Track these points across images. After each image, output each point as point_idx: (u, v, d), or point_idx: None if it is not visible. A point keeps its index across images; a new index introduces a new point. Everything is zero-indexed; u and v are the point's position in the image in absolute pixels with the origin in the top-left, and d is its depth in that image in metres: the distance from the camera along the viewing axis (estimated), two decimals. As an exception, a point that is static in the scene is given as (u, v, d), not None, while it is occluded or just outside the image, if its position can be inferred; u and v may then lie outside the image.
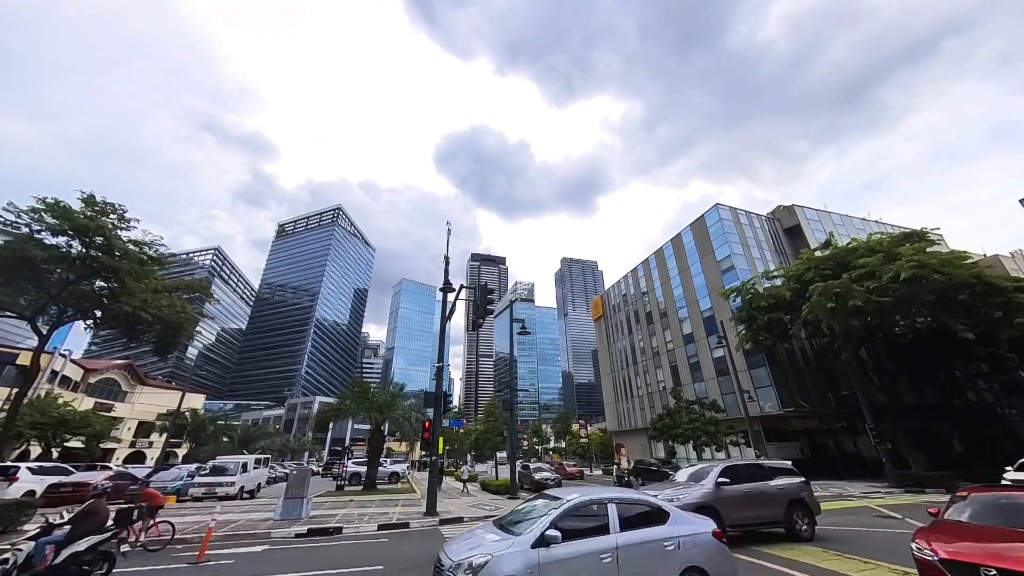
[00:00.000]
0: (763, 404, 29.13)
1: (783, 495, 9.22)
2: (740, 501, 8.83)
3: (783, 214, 40.08)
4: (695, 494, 8.64)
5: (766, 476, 9.59)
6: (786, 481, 9.51)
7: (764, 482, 9.37)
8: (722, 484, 8.87)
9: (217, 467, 19.35)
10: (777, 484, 9.37)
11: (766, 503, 9.09)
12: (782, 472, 9.91)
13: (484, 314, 13.87)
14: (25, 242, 12.86)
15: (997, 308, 18.50)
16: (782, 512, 8.98)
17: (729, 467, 9.48)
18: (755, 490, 9.15)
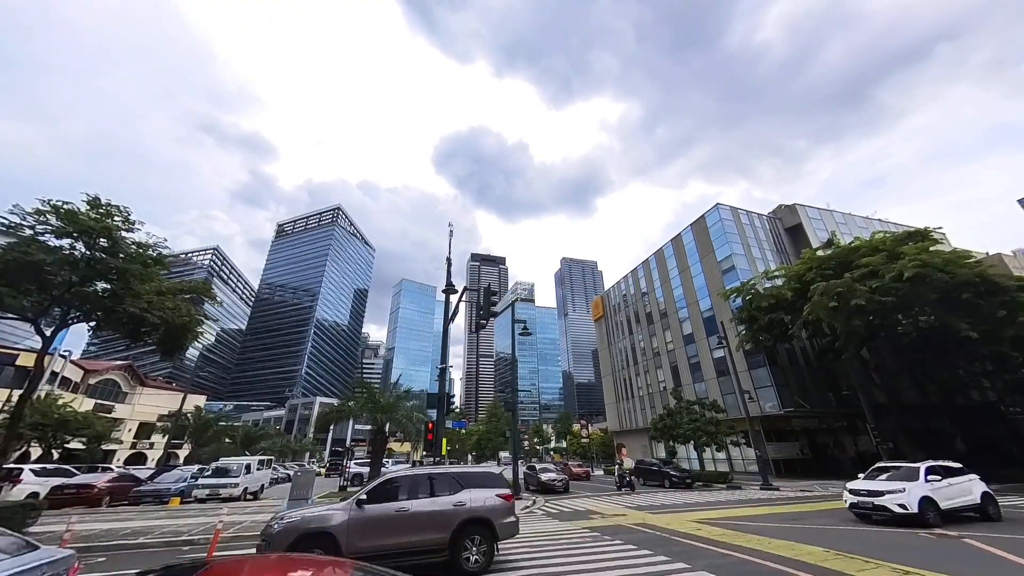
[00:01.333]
0: (763, 404, 29.20)
1: (453, 515, 7.19)
2: (382, 525, 6.90)
3: (784, 213, 40.13)
4: (318, 520, 6.69)
5: (442, 489, 7.51)
6: (470, 496, 7.48)
7: (432, 498, 7.33)
8: (363, 503, 7.00)
9: (220, 468, 19.38)
10: (454, 500, 7.35)
11: (423, 527, 7.03)
12: (468, 481, 7.77)
13: (488, 316, 13.91)
14: (29, 244, 12.88)
15: (1000, 307, 18.51)
16: (446, 537, 6.99)
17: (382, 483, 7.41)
18: (408, 512, 7.07)
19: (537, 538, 10.07)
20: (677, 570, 7.01)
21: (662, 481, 24.39)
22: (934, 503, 10.21)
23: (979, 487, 11.07)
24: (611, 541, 9.43)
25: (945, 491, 10.54)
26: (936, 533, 9.57)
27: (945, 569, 6.65)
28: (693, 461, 33.91)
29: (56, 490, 16.39)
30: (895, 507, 10.18)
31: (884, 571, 6.69)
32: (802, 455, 30.23)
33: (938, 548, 8.32)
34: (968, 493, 10.89)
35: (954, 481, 10.90)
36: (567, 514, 14.26)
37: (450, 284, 16.73)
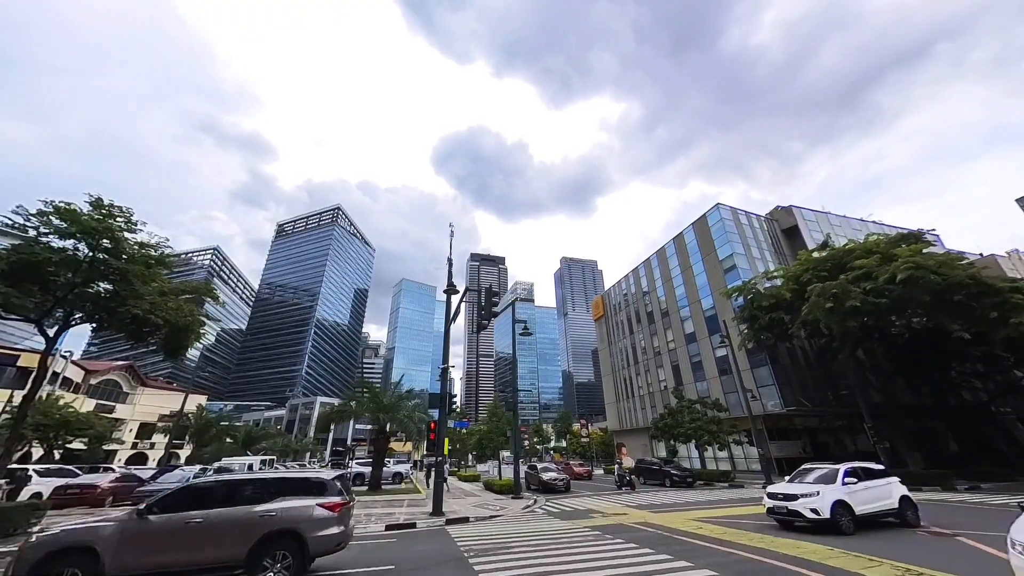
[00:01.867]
0: (766, 403, 29.35)
1: (254, 526, 6.29)
2: (165, 538, 6.00)
3: (781, 215, 40.31)
4: None
5: (252, 497, 6.61)
6: (282, 505, 6.60)
7: (234, 507, 6.46)
8: (146, 513, 6.13)
9: (222, 469, 19.43)
10: (261, 509, 6.48)
11: (215, 541, 6.10)
12: (287, 488, 6.90)
13: (489, 317, 13.99)
14: (32, 245, 12.93)
15: (993, 308, 18.63)
16: (243, 552, 6.11)
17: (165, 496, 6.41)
18: (198, 523, 6.14)
19: (538, 537, 10.16)
20: (680, 568, 7.10)
21: (663, 480, 24.50)
22: (848, 508, 9.59)
23: (899, 491, 10.52)
24: (613, 540, 9.52)
25: (861, 495, 9.94)
26: (932, 531, 9.69)
27: (945, 567, 6.75)
28: (694, 460, 34.05)
29: (59, 490, 16.45)
30: (807, 512, 9.59)
31: (887, 568, 6.79)
32: (804, 454, 30.37)
33: (934, 546, 8.43)
34: (886, 497, 10.30)
35: (872, 484, 10.33)
36: (568, 513, 14.36)
37: (451, 285, 16.81)
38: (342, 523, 6.91)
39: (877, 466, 11.25)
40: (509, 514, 14.13)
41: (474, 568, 7.36)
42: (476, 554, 8.41)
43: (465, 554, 8.42)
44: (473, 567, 7.43)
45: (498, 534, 10.66)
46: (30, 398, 13.82)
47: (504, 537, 10.25)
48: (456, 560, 8.01)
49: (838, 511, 9.45)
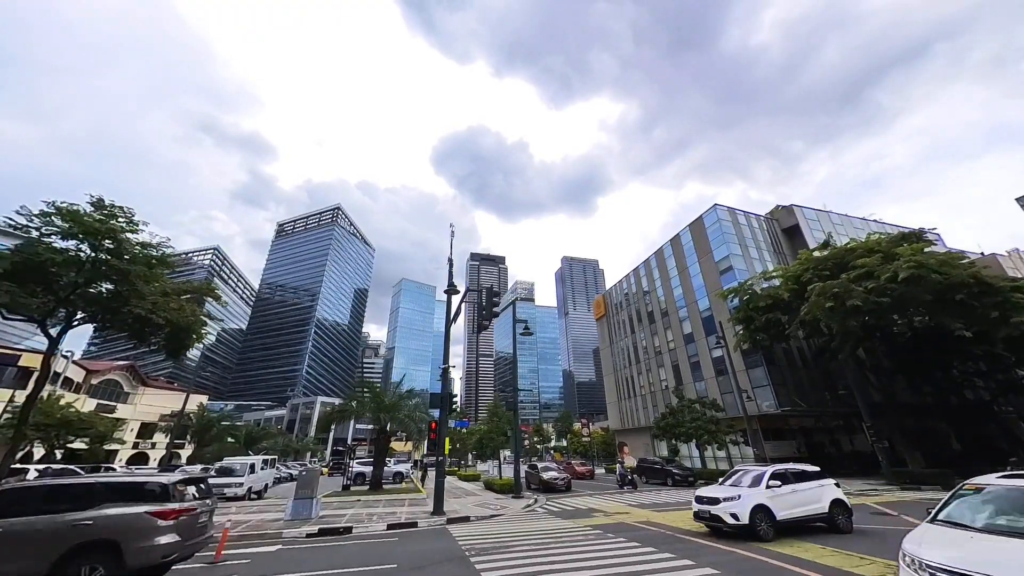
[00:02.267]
0: (761, 403, 29.38)
1: (60, 537, 5.74)
2: None
3: (781, 214, 40.30)
4: None
5: (67, 504, 6.05)
6: (101, 512, 6.02)
7: (44, 516, 5.88)
8: None
9: (224, 468, 19.49)
10: (75, 517, 5.89)
11: (11, 555, 5.59)
12: (112, 494, 6.32)
13: (490, 317, 14.03)
14: (35, 245, 12.98)
15: (994, 308, 18.72)
16: (45, 568, 5.57)
17: None
18: None
19: (540, 536, 10.22)
20: (682, 567, 7.17)
21: (665, 479, 24.56)
22: (768, 512, 9.06)
23: (831, 494, 10.00)
24: (615, 539, 9.58)
25: (786, 499, 9.43)
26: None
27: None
28: (695, 460, 34.09)
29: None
30: (728, 517, 9.10)
31: (878, 567, 6.85)
32: (799, 454, 30.42)
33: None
34: (815, 501, 9.76)
35: (801, 487, 9.77)
36: (569, 512, 14.41)
37: (452, 285, 16.84)
38: (177, 532, 6.35)
39: (811, 468, 10.78)
40: (510, 513, 14.19)
41: (476, 567, 7.41)
42: (477, 553, 8.47)
43: (467, 553, 8.47)
44: (475, 566, 7.48)
45: (499, 533, 10.72)
46: (33, 398, 13.88)
47: (505, 536, 10.30)
48: (458, 559, 8.06)
49: (757, 516, 8.95)
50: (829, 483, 10.38)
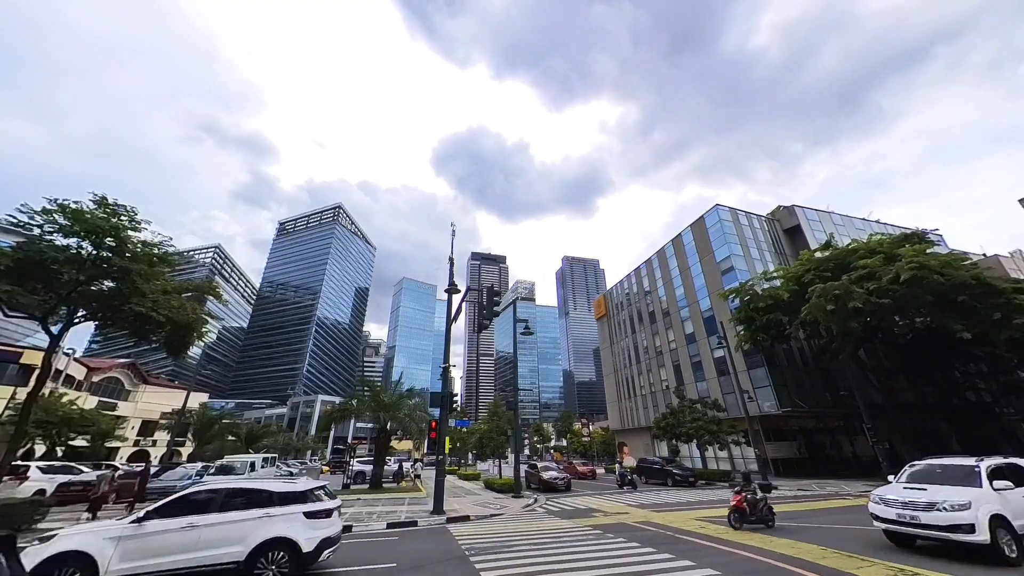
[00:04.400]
0: (762, 404, 29.34)
1: None
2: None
3: (783, 215, 40.22)
4: None
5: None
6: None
7: None
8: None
9: (225, 466, 19.49)
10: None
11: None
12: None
13: (491, 316, 14.01)
14: (37, 243, 13.00)
15: (996, 309, 18.67)
16: None
17: None
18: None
19: (539, 536, 10.20)
20: (682, 568, 7.15)
21: (665, 479, 24.53)
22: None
23: None
24: (614, 539, 9.56)
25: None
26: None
27: (943, 568, 6.77)
28: (696, 460, 34.07)
29: (63, 487, 16.54)
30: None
31: (880, 569, 6.81)
32: (799, 454, 30.38)
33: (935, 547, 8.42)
34: None
35: None
36: (569, 512, 14.40)
37: (452, 284, 16.83)
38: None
39: None
40: (510, 513, 14.18)
41: (475, 566, 7.40)
42: (477, 552, 8.46)
43: (466, 552, 8.47)
44: (474, 565, 7.48)
45: (499, 533, 10.71)
46: (34, 395, 13.91)
47: (505, 536, 10.29)
48: (457, 559, 8.05)
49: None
50: None
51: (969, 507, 6.85)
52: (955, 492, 7.29)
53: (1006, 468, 7.80)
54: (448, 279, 16.95)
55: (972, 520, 6.72)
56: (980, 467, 7.64)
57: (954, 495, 7.20)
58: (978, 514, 6.74)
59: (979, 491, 7.16)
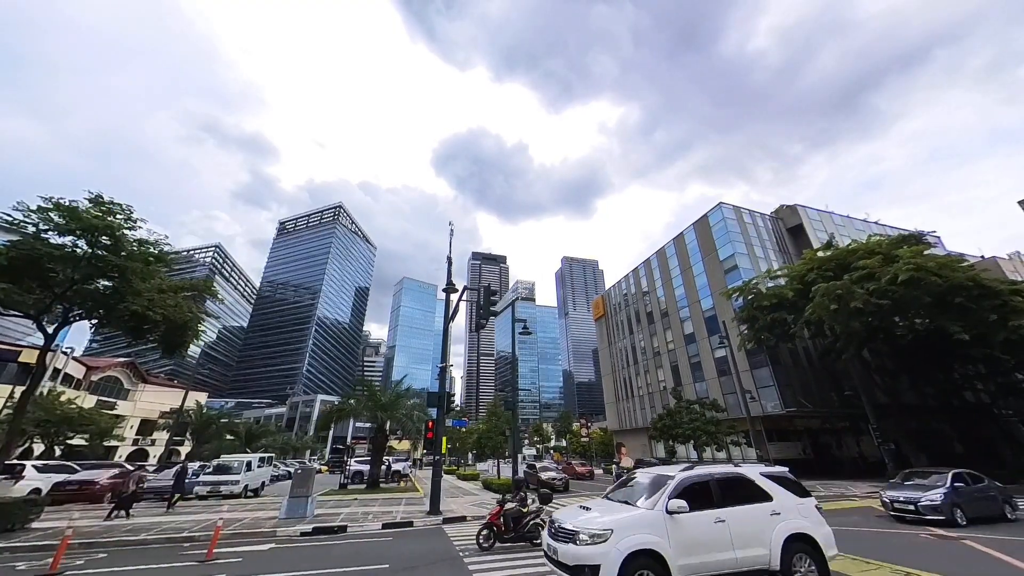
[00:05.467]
0: (765, 404, 29.20)
1: None
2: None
3: (786, 213, 40.08)
4: None
5: None
6: None
7: None
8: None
9: (221, 466, 19.44)
10: None
11: None
12: None
13: (488, 315, 13.93)
14: (32, 241, 12.93)
15: (992, 311, 18.62)
16: None
17: None
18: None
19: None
20: (675, 570, 7.01)
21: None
22: None
23: None
24: (610, 540, 9.44)
25: None
26: (936, 534, 9.59)
27: (944, 570, 6.67)
28: (693, 460, 33.93)
29: (58, 486, 16.47)
30: None
31: (885, 572, 6.72)
32: (804, 455, 30.22)
33: (938, 549, 8.33)
34: None
35: None
36: (566, 513, 14.28)
37: (450, 283, 16.74)
38: None
39: None
40: (507, 513, 14.07)
41: (468, 568, 7.32)
42: (471, 553, 8.38)
43: (460, 553, 8.38)
44: (467, 566, 7.39)
45: (495, 533, 10.60)
46: (28, 393, 13.84)
47: (501, 537, 10.18)
48: (451, 559, 7.97)
49: None
50: None
51: None
52: None
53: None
54: (446, 278, 16.87)
55: None
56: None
57: None
58: None
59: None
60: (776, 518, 5.94)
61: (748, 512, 5.94)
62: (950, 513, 10.37)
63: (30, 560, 8.06)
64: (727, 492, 6.06)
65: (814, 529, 6.00)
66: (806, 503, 6.31)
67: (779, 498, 6.15)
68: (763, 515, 5.94)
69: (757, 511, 5.98)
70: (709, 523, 5.65)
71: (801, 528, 5.92)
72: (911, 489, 11.60)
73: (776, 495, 6.18)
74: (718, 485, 6.09)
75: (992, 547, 8.08)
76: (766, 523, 5.88)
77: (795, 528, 5.89)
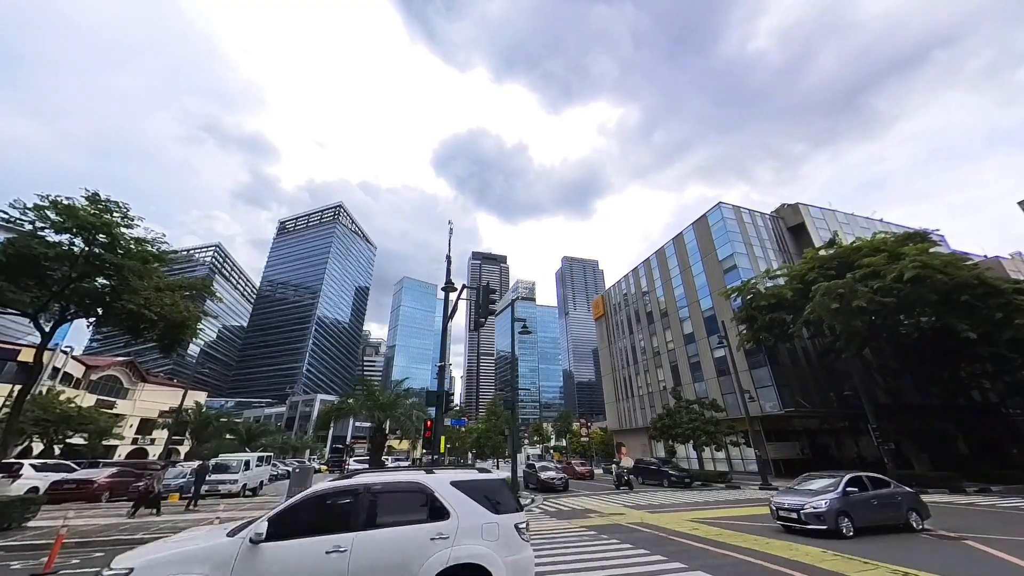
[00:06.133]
0: (764, 404, 29.12)
1: None
2: None
3: (787, 212, 39.94)
4: None
5: None
6: None
7: None
8: None
9: (220, 465, 19.39)
10: None
11: None
12: None
13: (487, 314, 13.87)
14: (29, 239, 12.90)
15: (998, 309, 18.62)
16: None
17: None
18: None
19: (534, 536, 10.04)
20: (674, 570, 6.98)
21: (661, 480, 24.38)
22: None
23: None
24: (608, 540, 9.41)
25: None
26: (937, 534, 9.53)
27: (944, 570, 6.61)
28: (692, 460, 33.89)
29: (56, 485, 16.42)
30: None
31: (882, 572, 6.65)
32: (802, 455, 30.15)
33: (938, 549, 8.27)
34: None
35: None
36: (565, 512, 14.25)
37: (449, 282, 16.68)
38: None
39: None
40: (505, 513, 14.01)
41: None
42: (468, 553, 8.30)
43: (457, 553, 8.31)
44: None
45: (492, 533, 10.55)
46: (25, 392, 13.81)
47: (498, 536, 10.13)
48: (448, 559, 7.89)
49: None
50: None
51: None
52: None
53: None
54: (445, 277, 16.81)
55: None
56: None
57: None
58: None
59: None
60: (438, 544, 4.46)
61: (392, 536, 4.45)
62: (834, 522, 9.17)
63: (25, 559, 8.01)
64: (386, 508, 4.65)
65: (492, 558, 4.50)
66: (500, 522, 4.80)
67: (461, 516, 4.68)
68: (418, 540, 4.45)
69: (409, 534, 4.49)
70: (317, 554, 4.19)
71: (472, 557, 4.44)
72: (800, 494, 10.31)
73: (459, 512, 4.70)
74: (371, 499, 4.62)
75: (993, 547, 8.02)
76: (418, 551, 4.39)
77: (462, 557, 4.42)
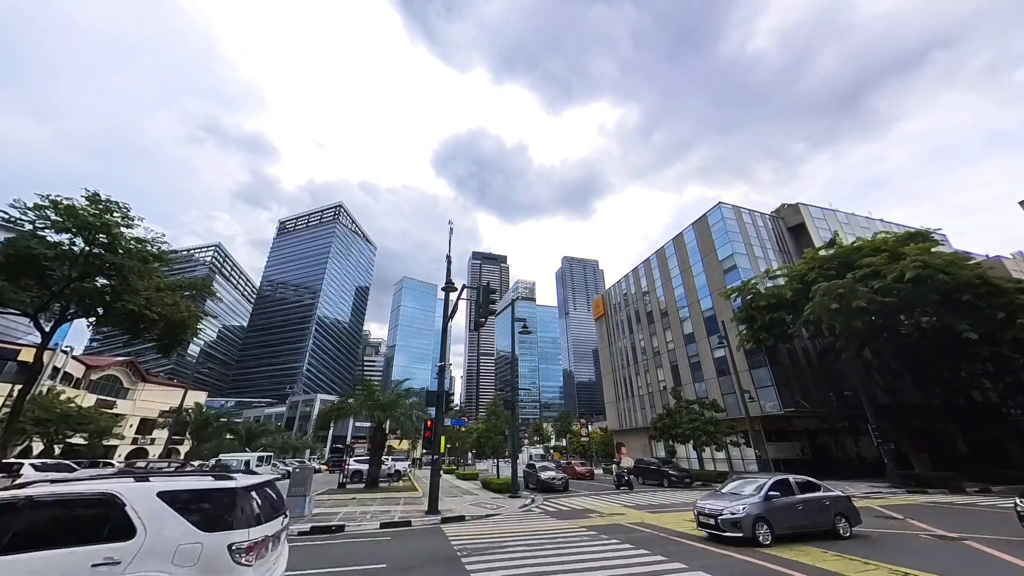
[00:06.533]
0: (764, 404, 29.09)
1: None
2: None
3: (788, 212, 39.89)
4: None
5: None
6: None
7: None
8: None
9: (220, 465, 19.39)
10: None
11: None
12: None
13: (487, 314, 13.87)
14: (29, 239, 12.89)
15: (1000, 309, 18.56)
16: None
17: None
18: None
19: (534, 537, 10.05)
20: (674, 570, 6.98)
21: (661, 480, 24.37)
22: None
23: None
24: (608, 540, 9.40)
25: None
26: (937, 535, 9.51)
27: (944, 571, 6.60)
28: (693, 460, 33.87)
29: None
30: None
31: (882, 572, 6.65)
32: (802, 455, 30.12)
33: (938, 550, 8.26)
34: None
35: None
36: (565, 512, 14.24)
37: (450, 282, 16.68)
38: None
39: None
40: (506, 513, 14.03)
41: (466, 568, 7.25)
42: (469, 553, 8.31)
43: (458, 553, 8.31)
44: (465, 567, 7.32)
45: (493, 533, 10.56)
46: (25, 392, 13.81)
47: (499, 536, 10.14)
48: (448, 559, 7.90)
49: None
50: None
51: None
52: None
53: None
54: (445, 276, 16.81)
55: None
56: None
57: None
58: None
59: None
60: (100, 571, 3.61)
61: (31, 563, 3.55)
62: (751, 529, 8.64)
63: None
64: (52, 525, 3.78)
65: None
66: (206, 541, 3.93)
67: (151, 535, 3.83)
68: (71, 566, 3.61)
69: (61, 559, 3.60)
70: None
71: None
72: (723, 498, 9.82)
73: (150, 529, 3.84)
74: (32, 514, 3.77)
75: (993, 548, 8.00)
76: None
77: None
